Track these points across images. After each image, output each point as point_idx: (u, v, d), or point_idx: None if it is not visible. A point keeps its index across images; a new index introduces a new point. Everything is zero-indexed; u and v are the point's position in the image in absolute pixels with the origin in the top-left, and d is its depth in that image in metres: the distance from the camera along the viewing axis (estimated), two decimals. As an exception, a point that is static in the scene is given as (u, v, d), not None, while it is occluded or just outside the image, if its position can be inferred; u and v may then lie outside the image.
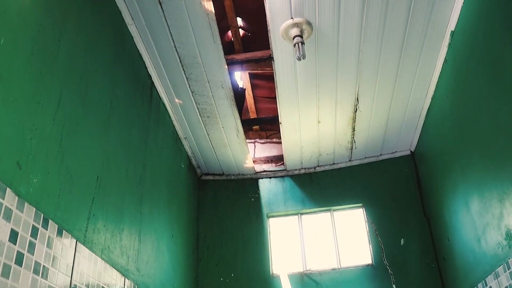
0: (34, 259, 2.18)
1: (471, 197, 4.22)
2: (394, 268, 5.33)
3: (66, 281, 2.46)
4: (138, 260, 3.62)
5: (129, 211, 3.53)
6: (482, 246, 4.06)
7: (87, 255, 2.74)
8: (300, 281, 5.41)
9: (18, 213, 2.09)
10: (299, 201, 5.95)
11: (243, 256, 5.65)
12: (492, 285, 3.92)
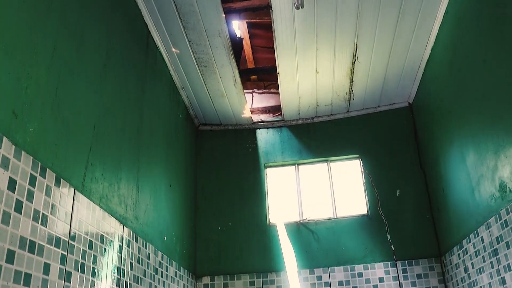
0: (33, 207, 2.21)
1: (467, 149, 4.25)
2: (389, 218, 5.43)
3: (66, 229, 2.51)
4: (136, 209, 3.67)
5: (126, 161, 3.55)
6: (476, 198, 4.13)
7: (85, 204, 2.78)
8: (296, 230, 5.52)
9: (15, 162, 2.10)
10: (296, 152, 5.99)
11: (240, 206, 5.73)
12: (483, 236, 4.01)
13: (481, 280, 4.13)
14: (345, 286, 5.19)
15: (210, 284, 5.37)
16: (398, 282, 5.15)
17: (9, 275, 1.97)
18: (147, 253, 3.77)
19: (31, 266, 2.13)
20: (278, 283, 5.29)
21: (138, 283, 3.51)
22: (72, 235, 2.57)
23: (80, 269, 2.63)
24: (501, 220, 3.64)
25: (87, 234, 2.77)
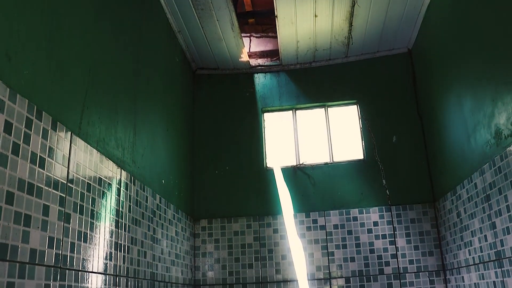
0: (30, 149, 2.22)
1: (464, 97, 4.24)
2: (385, 164, 5.48)
3: (63, 172, 2.53)
4: (133, 152, 3.69)
5: (123, 105, 3.54)
6: (471, 144, 4.15)
7: (82, 147, 2.79)
8: (293, 174, 5.58)
9: (10, 105, 2.09)
10: (294, 96, 5.97)
11: (238, 150, 5.77)
12: (477, 182, 4.06)
13: (472, 225, 4.22)
14: (340, 230, 5.31)
15: (207, 227, 5.48)
16: (392, 226, 5.26)
17: (9, 216, 2.00)
18: (145, 196, 3.82)
19: (30, 208, 2.17)
20: (274, 226, 5.40)
21: (136, 225, 3.58)
22: (70, 178, 2.60)
23: (79, 211, 2.68)
24: (495, 167, 3.68)
25: (85, 177, 2.80)
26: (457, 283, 4.70)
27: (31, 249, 2.14)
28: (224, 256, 5.36)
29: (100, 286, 2.87)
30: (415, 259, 5.15)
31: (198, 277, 5.33)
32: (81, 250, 2.66)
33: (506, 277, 3.59)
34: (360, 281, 5.13)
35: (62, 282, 2.41)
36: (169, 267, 4.33)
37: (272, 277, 5.24)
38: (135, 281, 3.46)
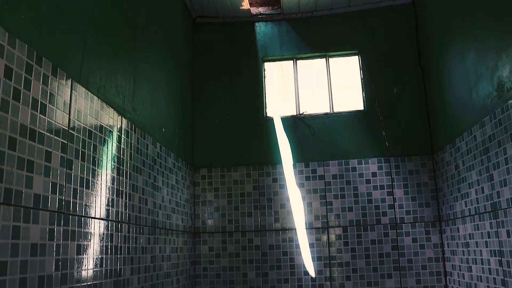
0: (31, 95, 2.21)
1: (468, 48, 4.19)
2: (385, 115, 5.48)
3: (65, 118, 2.53)
4: (134, 100, 3.68)
5: (123, 52, 3.50)
6: (473, 97, 4.14)
7: (83, 94, 2.78)
8: (292, 124, 5.58)
9: (10, 50, 2.07)
10: (295, 46, 5.90)
11: (238, 99, 5.74)
12: (476, 134, 4.07)
13: (470, 177, 4.26)
14: (339, 180, 5.36)
15: (207, 176, 5.53)
16: (390, 177, 5.31)
17: (13, 162, 2.01)
18: (145, 144, 3.84)
19: (33, 154, 2.18)
20: (273, 175, 5.44)
21: (137, 172, 3.61)
22: (71, 125, 2.60)
23: (81, 157, 2.69)
24: (496, 119, 3.68)
25: (86, 124, 2.80)
26: (452, 233, 4.79)
27: (34, 194, 2.16)
28: (224, 204, 5.44)
29: (102, 231, 2.93)
30: (412, 210, 5.22)
31: (198, 225, 5.42)
32: (84, 196, 2.69)
33: (501, 227, 3.66)
34: (357, 231, 5.23)
35: (65, 227, 2.45)
36: (170, 215, 4.40)
37: (271, 226, 5.33)
38: (137, 228, 3.52)
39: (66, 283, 2.42)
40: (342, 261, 5.19)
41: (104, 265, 2.92)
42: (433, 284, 5.08)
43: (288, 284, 5.20)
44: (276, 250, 5.28)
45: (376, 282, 5.13)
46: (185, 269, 4.87)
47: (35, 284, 2.12)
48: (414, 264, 5.13)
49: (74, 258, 2.53)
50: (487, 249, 3.96)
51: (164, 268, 4.12)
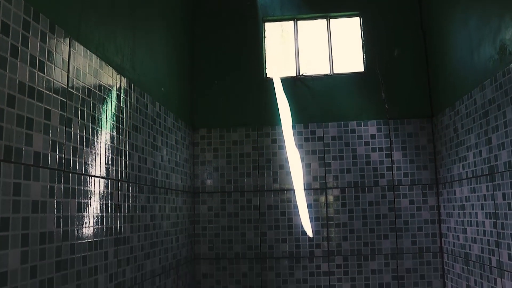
0: (29, 52, 2.19)
1: (471, 10, 4.13)
2: (385, 77, 5.44)
3: (63, 76, 2.51)
4: (133, 59, 3.65)
5: (122, 10, 3.45)
6: (474, 60, 4.11)
7: (81, 52, 2.76)
8: (292, 85, 5.55)
9: (6, 5, 2.04)
10: (295, 6, 5.81)
11: (237, 60, 5.69)
12: (476, 97, 4.06)
13: (468, 140, 4.27)
14: (337, 141, 5.37)
15: (206, 136, 5.53)
16: (389, 139, 5.33)
17: (12, 119, 2.01)
18: (145, 103, 3.83)
19: (32, 111, 2.18)
20: (273, 136, 5.45)
21: (137, 132, 3.61)
22: (70, 83, 2.59)
23: (80, 116, 2.69)
24: (496, 83, 3.67)
25: (85, 82, 2.79)
26: (448, 196, 4.84)
27: (34, 152, 2.17)
28: (223, 165, 5.47)
29: (102, 190, 2.95)
30: (410, 172, 5.26)
31: (197, 185, 5.46)
32: (84, 155, 2.71)
33: (497, 190, 3.70)
34: (355, 192, 5.28)
35: (66, 185, 2.47)
36: (169, 174, 4.43)
37: (269, 186, 5.38)
38: (136, 186, 3.55)
39: (68, 240, 2.46)
40: (340, 222, 5.26)
41: (105, 223, 2.95)
42: (428, 245, 5.16)
43: (286, 244, 5.29)
44: (274, 210, 5.34)
45: (373, 242, 5.21)
46: (185, 228, 4.94)
47: (37, 240, 2.16)
48: (410, 225, 5.20)
49: (75, 216, 2.56)
50: (482, 211, 4.01)
51: (163, 227, 4.18)
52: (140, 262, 3.55)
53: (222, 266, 5.34)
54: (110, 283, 3.00)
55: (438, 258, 5.14)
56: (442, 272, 5.12)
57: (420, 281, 5.14)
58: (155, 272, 3.92)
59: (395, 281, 5.16)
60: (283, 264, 5.28)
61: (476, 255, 4.17)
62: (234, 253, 5.34)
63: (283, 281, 5.26)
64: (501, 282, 3.68)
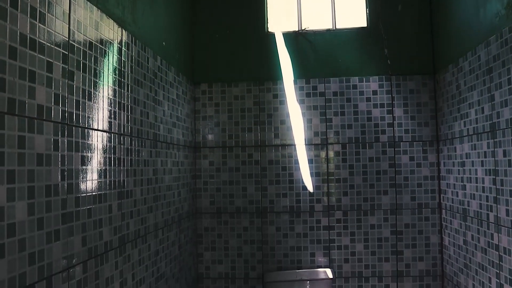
0: (29, 3, 2.15)
1: (480, -38, 4.04)
2: (388, 33, 5.37)
3: (65, 28, 2.48)
4: (134, 12, 3.59)
5: (122, -41, 3.37)
6: (480, 16, 4.04)
7: (82, 3, 2.71)
8: (294, 39, 5.48)
9: (7, -46, 1.99)
10: (299, -42, 5.67)
11: (238, 13, 5.59)
12: (481, 54, 4.02)
13: (471, 97, 4.26)
14: (339, 97, 5.35)
15: (207, 91, 5.51)
16: (391, 96, 5.31)
17: (14, 71, 2.00)
18: (146, 57, 3.79)
19: (34, 64, 2.16)
20: (274, 91, 5.43)
21: (138, 86, 3.59)
22: (71, 35, 2.55)
23: (82, 69, 2.67)
24: (502, 39, 3.62)
25: (86, 35, 2.75)
26: (449, 153, 4.86)
27: (38, 105, 2.17)
28: (224, 120, 5.46)
29: (105, 143, 2.96)
30: (411, 129, 5.27)
31: (199, 140, 5.48)
32: (86, 108, 2.70)
33: (498, 147, 3.71)
34: (355, 148, 5.30)
35: (69, 138, 2.47)
36: (171, 129, 4.44)
37: (270, 141, 5.39)
38: (139, 140, 3.55)
39: (72, 193, 2.48)
40: (340, 177, 5.31)
41: (108, 176, 2.98)
42: (427, 201, 5.22)
43: (287, 198, 5.35)
44: (275, 165, 5.37)
45: (372, 198, 5.27)
46: (186, 183, 4.98)
47: (43, 192, 2.18)
48: (410, 181, 5.24)
49: (79, 169, 2.58)
50: (482, 168, 4.03)
51: (165, 181, 4.22)
52: (143, 215, 3.60)
53: (223, 220, 5.42)
54: (115, 236, 3.05)
55: (436, 214, 5.21)
56: (440, 227, 5.20)
57: (418, 236, 5.23)
58: (158, 225, 3.98)
59: (394, 235, 5.25)
60: (283, 218, 5.35)
61: (474, 211, 4.22)
62: (235, 207, 5.41)
63: (283, 235, 5.35)
64: (497, 237, 3.74)
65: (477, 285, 4.20)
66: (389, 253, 5.26)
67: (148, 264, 3.72)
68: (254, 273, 5.39)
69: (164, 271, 4.15)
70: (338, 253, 5.31)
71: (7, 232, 1.91)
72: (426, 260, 5.23)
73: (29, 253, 2.06)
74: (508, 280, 3.57)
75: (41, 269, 2.15)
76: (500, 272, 3.71)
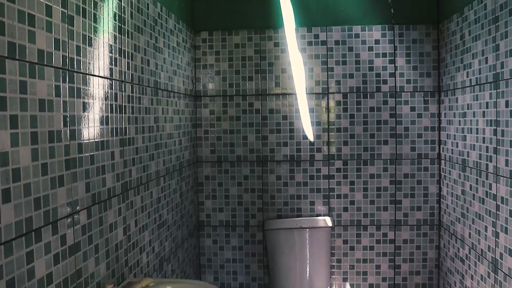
0: None
1: None
2: (393, -20, 5.26)
3: (63, -30, 2.41)
4: (133, -45, 3.49)
5: None
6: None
7: None
8: (296, -13, 5.36)
9: None
10: None
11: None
12: (487, 2, 3.94)
13: (475, 47, 4.21)
14: (341, 46, 5.28)
15: (208, 39, 5.43)
16: (393, 45, 5.24)
17: (13, 15, 1.96)
18: (146, 3, 3.71)
19: (33, 7, 2.11)
20: (275, 39, 5.35)
21: (139, 32, 3.53)
22: (70, -22, 2.49)
23: (82, 14, 2.62)
24: (510, -14, 3.54)
25: (86, -22, 2.68)
26: (450, 103, 4.85)
27: (38, 50, 2.13)
28: (225, 68, 5.41)
29: (107, 90, 2.94)
30: (413, 79, 5.23)
31: (199, 89, 5.44)
32: (87, 54, 2.66)
33: (500, 98, 3.70)
34: (357, 97, 5.28)
35: (71, 84, 2.45)
36: (171, 77, 4.40)
37: (271, 90, 5.37)
38: (140, 88, 3.53)
39: (75, 139, 2.49)
40: (341, 127, 5.31)
41: (110, 123, 2.97)
42: (427, 151, 5.25)
43: (287, 147, 5.37)
44: (276, 114, 5.36)
45: (373, 148, 5.29)
46: (187, 131, 4.99)
47: (46, 138, 2.18)
48: (410, 132, 5.25)
49: (81, 115, 2.57)
50: (483, 119, 4.03)
51: (167, 129, 4.22)
52: (145, 163, 3.62)
53: (224, 169, 5.46)
54: (117, 182, 3.08)
55: (435, 165, 5.25)
56: (438, 177, 5.25)
57: (416, 186, 5.29)
58: (160, 173, 4.01)
59: (393, 185, 5.31)
60: (283, 167, 5.39)
61: (473, 162, 4.25)
62: (235, 156, 5.43)
63: (283, 183, 5.41)
64: (496, 187, 3.78)
65: (473, 233, 4.28)
66: (388, 203, 5.34)
67: (151, 211, 3.77)
68: (254, 221, 5.48)
69: (166, 218, 4.22)
70: (338, 202, 5.38)
71: (12, 177, 1.92)
72: (423, 210, 5.31)
73: (34, 198, 2.08)
74: (504, 228, 3.64)
75: (47, 214, 2.18)
76: (496, 221, 3.77)
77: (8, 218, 1.88)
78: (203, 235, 5.57)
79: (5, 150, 1.87)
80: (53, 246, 2.24)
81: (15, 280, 1.93)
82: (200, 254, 5.59)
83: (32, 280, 2.06)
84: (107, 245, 2.91)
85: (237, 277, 5.58)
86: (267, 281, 5.55)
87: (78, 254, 2.51)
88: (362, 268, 5.44)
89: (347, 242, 5.42)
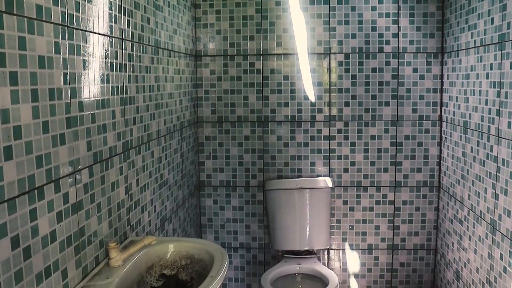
0: None
1: None
2: None
3: None
4: None
5: None
6: None
7: None
8: None
9: None
10: None
11: None
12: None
13: (481, 7, 4.13)
14: (343, 5, 5.14)
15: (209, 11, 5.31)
16: (397, 5, 5.14)
17: (11, -33, 1.90)
18: (145, -42, 3.62)
19: (31, -40, 2.05)
20: (278, -2, 5.25)
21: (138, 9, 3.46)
22: None
23: (81, -32, 2.55)
24: None
25: None
26: (453, 65, 4.80)
27: (37, 5, 2.08)
28: (226, 27, 5.32)
29: (107, 48, 2.90)
30: (416, 40, 5.16)
31: (200, 48, 5.37)
32: (86, 10, 2.61)
33: (505, 59, 3.65)
34: (359, 58, 5.22)
35: (70, 41, 2.41)
36: (172, 36, 4.33)
37: (272, 50, 5.30)
38: (140, 46, 3.48)
39: (76, 97, 2.46)
40: (342, 87, 5.27)
41: (110, 82, 2.94)
42: (429, 113, 5.23)
43: (288, 108, 5.34)
44: (277, 74, 5.31)
45: (374, 109, 5.27)
46: (188, 91, 4.95)
47: (46, 96, 2.15)
48: (412, 93, 5.22)
49: (81, 73, 2.54)
50: (487, 80, 3.99)
51: (167, 88, 4.18)
52: (146, 122, 3.60)
53: (225, 129, 5.45)
54: (118, 141, 3.07)
55: (436, 127, 5.24)
56: (439, 139, 5.25)
57: (417, 147, 5.29)
58: (161, 133, 3.99)
59: (393, 147, 5.31)
60: (284, 127, 5.38)
61: (475, 123, 4.24)
62: (236, 116, 5.41)
63: (284, 144, 5.40)
64: (497, 149, 3.78)
65: (472, 195, 4.31)
66: (388, 164, 5.35)
67: (152, 170, 3.78)
68: (254, 181, 5.51)
69: (167, 178, 4.23)
70: (338, 163, 5.39)
71: (14, 135, 1.90)
72: (424, 171, 5.33)
73: (36, 156, 2.07)
74: (503, 190, 3.65)
75: (49, 172, 2.18)
76: (496, 183, 3.79)
77: (10, 175, 1.88)
78: (203, 195, 5.60)
79: (5, 107, 1.85)
80: (56, 204, 2.25)
81: (19, 237, 1.94)
82: (201, 214, 5.64)
83: (36, 237, 2.07)
84: (109, 204, 2.92)
85: (237, 237, 5.65)
86: (267, 241, 5.61)
87: (81, 212, 2.53)
88: (361, 229, 5.49)
89: (347, 203, 5.46)
